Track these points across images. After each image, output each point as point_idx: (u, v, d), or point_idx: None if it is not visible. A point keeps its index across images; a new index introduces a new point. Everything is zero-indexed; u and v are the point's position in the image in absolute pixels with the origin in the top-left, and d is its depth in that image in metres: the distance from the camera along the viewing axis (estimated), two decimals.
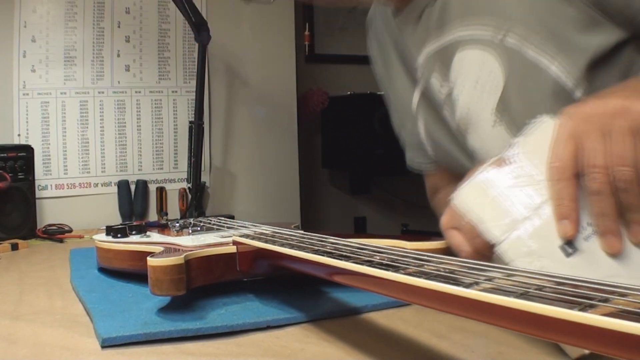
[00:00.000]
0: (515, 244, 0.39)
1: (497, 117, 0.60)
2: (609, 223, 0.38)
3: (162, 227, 0.82)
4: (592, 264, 0.38)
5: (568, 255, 0.38)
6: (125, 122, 1.67)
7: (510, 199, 0.41)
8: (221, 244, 0.58)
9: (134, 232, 0.74)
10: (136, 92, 1.68)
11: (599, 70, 0.55)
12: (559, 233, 0.39)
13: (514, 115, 0.59)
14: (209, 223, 0.80)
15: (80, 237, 1.27)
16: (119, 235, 0.72)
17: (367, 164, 2.36)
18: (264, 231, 0.61)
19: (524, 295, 0.25)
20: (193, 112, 1.60)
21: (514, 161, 0.42)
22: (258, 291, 0.58)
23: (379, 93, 0.95)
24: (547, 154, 0.40)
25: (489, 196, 0.41)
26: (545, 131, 0.41)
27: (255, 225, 0.70)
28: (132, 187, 1.64)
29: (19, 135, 1.54)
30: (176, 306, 0.53)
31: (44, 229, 1.31)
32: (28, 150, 1.33)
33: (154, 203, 1.68)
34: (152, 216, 1.66)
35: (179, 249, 0.56)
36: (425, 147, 0.76)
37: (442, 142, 0.71)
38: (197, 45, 1.51)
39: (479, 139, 0.63)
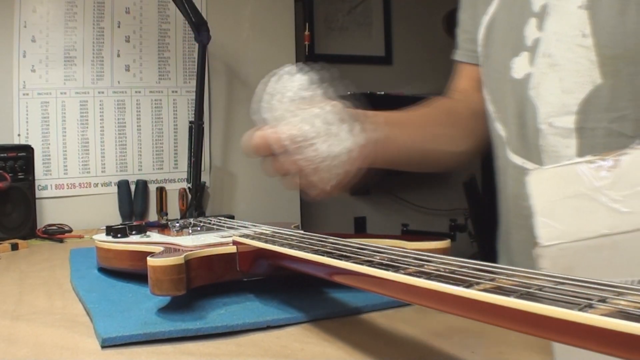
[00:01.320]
0: (557, 256, 0.36)
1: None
2: None
3: (162, 227, 0.82)
4: None
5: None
6: (125, 122, 1.67)
7: (591, 209, 0.35)
8: (221, 244, 0.58)
9: (134, 232, 0.74)
10: (136, 92, 1.68)
11: None
12: None
13: (605, 5, 0.56)
14: (209, 223, 0.80)
15: (80, 237, 1.27)
16: (119, 235, 0.72)
17: None
18: (264, 231, 0.61)
19: (524, 295, 0.25)
20: (193, 112, 1.60)
21: (619, 167, 0.36)
22: (258, 291, 0.58)
23: (379, 93, 0.95)
24: None
25: (570, 193, 0.36)
26: None
27: (255, 225, 0.70)
28: (132, 187, 1.64)
29: (19, 135, 1.54)
30: (176, 306, 0.53)
31: (44, 229, 1.31)
32: (28, 150, 1.33)
33: (154, 203, 1.68)
34: (152, 216, 1.66)
35: (179, 249, 0.56)
36: (474, 34, 0.73)
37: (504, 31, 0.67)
38: (197, 45, 1.51)
39: (558, 22, 0.59)
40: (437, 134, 0.71)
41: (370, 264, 0.36)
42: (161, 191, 1.68)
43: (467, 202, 2.63)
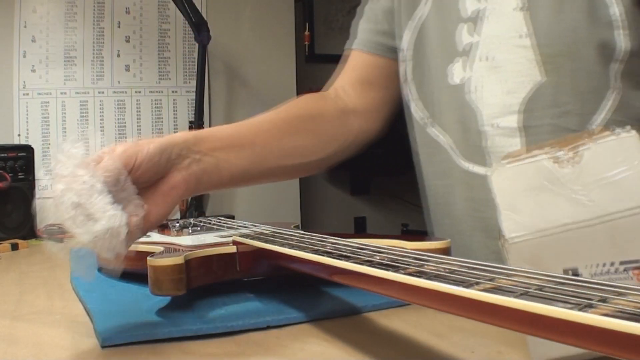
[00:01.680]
0: (524, 249, 0.37)
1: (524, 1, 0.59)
2: None
3: (162, 227, 0.82)
4: None
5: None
6: (125, 122, 1.67)
7: (554, 203, 0.37)
8: (221, 244, 0.58)
9: None
10: (136, 92, 1.68)
11: None
12: None
13: (540, 3, 0.57)
14: (209, 223, 0.80)
15: None
16: None
17: (367, 163, 2.36)
18: (264, 231, 0.61)
19: (524, 295, 0.25)
20: (193, 112, 1.60)
21: (577, 163, 0.37)
22: (258, 291, 0.58)
23: None
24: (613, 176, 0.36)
25: (532, 187, 0.38)
26: (623, 145, 0.37)
27: (255, 225, 0.70)
28: None
29: (19, 135, 1.54)
30: (176, 306, 0.53)
31: (44, 229, 1.31)
32: (28, 150, 1.33)
33: None
34: None
35: (179, 249, 0.56)
36: (387, 26, 0.73)
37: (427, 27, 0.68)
38: (197, 45, 1.51)
39: (496, 24, 0.61)
40: (285, 147, 0.65)
41: (370, 264, 0.36)
42: None
43: None
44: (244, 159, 0.59)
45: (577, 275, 0.35)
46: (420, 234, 0.61)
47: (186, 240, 0.65)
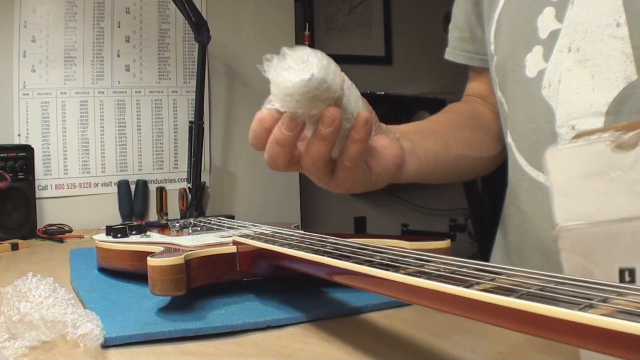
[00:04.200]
0: (577, 240, 0.33)
1: None
2: None
3: (162, 227, 0.82)
4: None
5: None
6: (125, 122, 1.67)
7: (611, 190, 0.33)
8: (221, 244, 0.58)
9: (134, 232, 0.74)
10: (136, 92, 1.68)
11: None
12: None
13: None
14: (209, 223, 0.80)
15: (80, 237, 1.27)
16: (119, 235, 0.72)
17: None
18: (264, 231, 0.61)
19: (524, 295, 0.25)
20: (193, 112, 1.60)
21: (636, 146, 0.32)
22: (258, 291, 0.58)
23: (379, 93, 0.96)
24: None
25: (588, 172, 0.34)
26: None
27: (255, 225, 0.70)
28: (132, 187, 1.64)
29: (19, 135, 1.54)
30: (176, 306, 0.53)
31: (44, 229, 1.31)
32: (28, 150, 1.33)
33: (154, 203, 1.68)
34: (152, 216, 1.66)
35: (179, 249, 0.56)
36: (478, 33, 0.68)
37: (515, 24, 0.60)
38: (197, 45, 1.51)
39: (587, 10, 0.52)
40: (466, 139, 0.65)
41: (370, 264, 0.36)
42: (161, 191, 1.68)
43: (467, 202, 2.63)
44: (435, 143, 0.60)
45: (633, 276, 0.31)
46: (420, 234, 0.61)
47: (186, 240, 0.65)
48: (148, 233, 0.75)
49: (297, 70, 0.45)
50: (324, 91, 0.43)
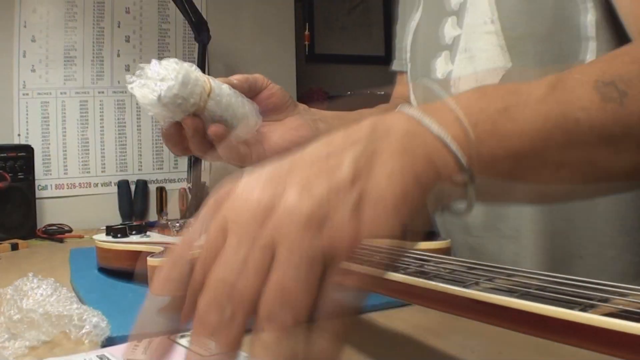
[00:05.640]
0: None
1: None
2: None
3: (162, 227, 0.82)
4: None
5: None
6: (125, 122, 1.67)
7: None
8: None
9: (134, 232, 0.74)
10: None
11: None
12: None
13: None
14: None
15: (80, 237, 1.27)
16: (119, 235, 0.72)
17: None
18: None
19: (524, 295, 0.25)
20: None
21: None
22: None
23: (379, 93, 0.95)
24: None
25: None
26: None
27: None
28: (132, 187, 1.64)
29: (19, 135, 1.54)
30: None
31: (44, 229, 1.31)
32: (28, 150, 1.33)
33: (154, 203, 1.68)
34: (152, 216, 1.66)
35: None
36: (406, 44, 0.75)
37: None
38: (197, 45, 1.51)
39: (473, 15, 0.60)
40: None
41: (371, 264, 0.36)
42: (161, 191, 1.68)
43: None
44: None
45: None
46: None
47: None
48: (148, 233, 0.75)
49: (150, 89, 0.48)
50: (178, 106, 0.49)
